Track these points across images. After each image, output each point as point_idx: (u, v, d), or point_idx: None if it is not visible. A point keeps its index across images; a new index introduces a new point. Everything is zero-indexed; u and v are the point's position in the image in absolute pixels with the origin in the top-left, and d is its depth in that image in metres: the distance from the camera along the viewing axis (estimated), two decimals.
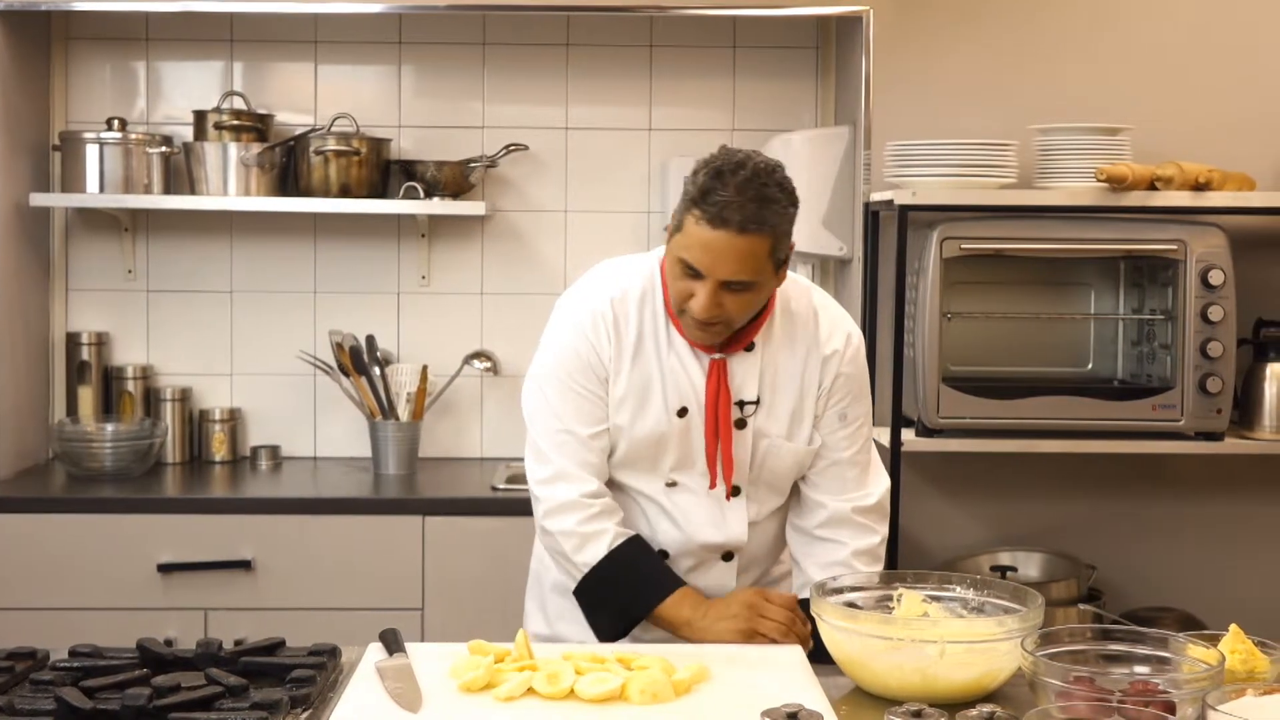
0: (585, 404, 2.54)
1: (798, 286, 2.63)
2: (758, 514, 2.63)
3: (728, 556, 2.63)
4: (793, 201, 2.41)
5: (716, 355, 2.52)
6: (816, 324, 2.59)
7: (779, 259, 2.42)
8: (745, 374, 2.54)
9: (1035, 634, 2.06)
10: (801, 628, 2.48)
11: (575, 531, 2.52)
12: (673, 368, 2.53)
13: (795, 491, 2.67)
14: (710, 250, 2.34)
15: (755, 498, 2.62)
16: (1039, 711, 1.83)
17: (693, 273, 2.38)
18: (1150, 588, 3.98)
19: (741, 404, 2.54)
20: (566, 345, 2.55)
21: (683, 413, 2.53)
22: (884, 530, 2.66)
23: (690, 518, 2.59)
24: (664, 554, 2.60)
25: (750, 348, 2.54)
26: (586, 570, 2.52)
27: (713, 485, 2.56)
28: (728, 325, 2.45)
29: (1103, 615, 3.56)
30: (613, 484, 2.61)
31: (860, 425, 2.63)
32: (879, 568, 2.62)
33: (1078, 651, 2.08)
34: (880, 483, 2.67)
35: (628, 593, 2.52)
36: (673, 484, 2.58)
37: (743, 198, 2.32)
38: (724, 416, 2.52)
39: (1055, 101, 3.86)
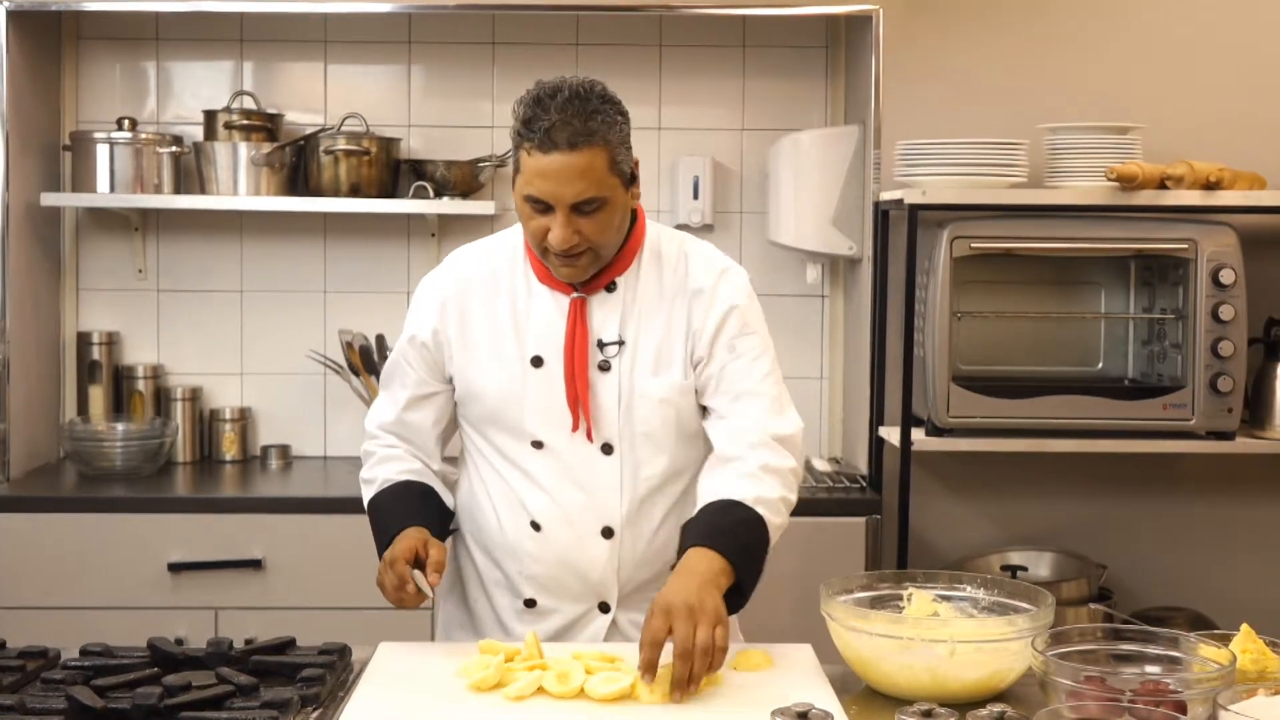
0: (409, 374, 2.58)
1: (670, 234, 2.58)
2: (636, 478, 2.48)
3: (607, 534, 2.48)
4: (619, 111, 2.38)
5: (575, 294, 2.46)
6: (686, 265, 2.51)
7: (622, 172, 2.37)
8: (606, 314, 2.47)
9: (1046, 633, 2.06)
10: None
11: (361, 479, 2.65)
12: (528, 316, 2.49)
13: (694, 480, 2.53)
14: (549, 176, 2.31)
15: (631, 458, 2.47)
16: (1049, 711, 1.82)
17: (541, 206, 2.35)
18: (1161, 587, 3.97)
19: (602, 345, 2.46)
20: (409, 324, 2.59)
21: (537, 362, 2.46)
22: (797, 463, 2.46)
23: (559, 482, 2.47)
24: (535, 526, 2.49)
25: (612, 287, 2.48)
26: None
27: (575, 427, 2.45)
28: (594, 254, 2.40)
29: (1113, 615, 3.55)
30: (484, 448, 2.55)
31: (757, 357, 2.49)
32: (789, 495, 2.41)
33: (1088, 651, 2.08)
34: (795, 420, 2.49)
35: (379, 537, 2.53)
36: (539, 444, 2.47)
37: (565, 115, 2.30)
38: (580, 357, 2.44)
39: (1065, 100, 3.86)
